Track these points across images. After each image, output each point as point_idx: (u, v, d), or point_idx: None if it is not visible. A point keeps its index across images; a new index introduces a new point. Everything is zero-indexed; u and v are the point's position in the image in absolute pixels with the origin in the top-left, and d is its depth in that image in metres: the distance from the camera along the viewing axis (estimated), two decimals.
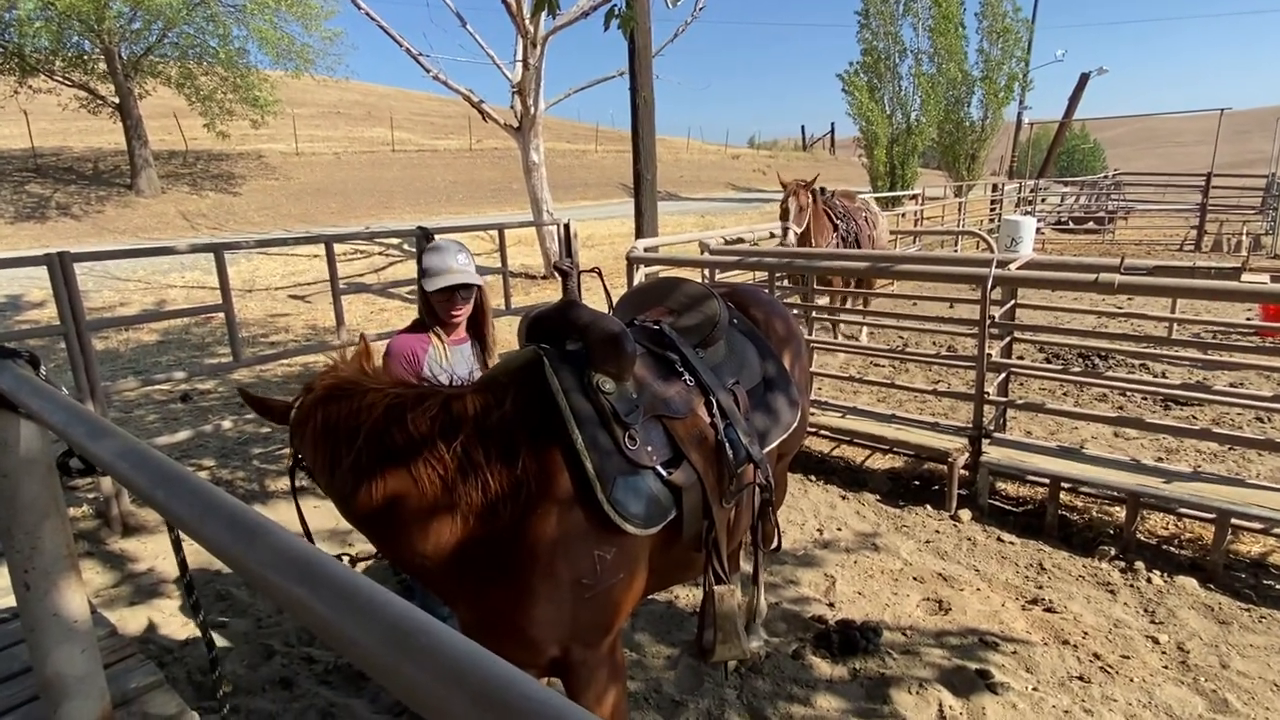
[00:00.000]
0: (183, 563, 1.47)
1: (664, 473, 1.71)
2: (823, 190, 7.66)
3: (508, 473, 1.57)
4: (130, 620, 3.20)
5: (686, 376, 1.92)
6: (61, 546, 1.48)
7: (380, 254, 13.59)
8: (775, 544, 2.15)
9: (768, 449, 2.13)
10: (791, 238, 6.79)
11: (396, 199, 21.33)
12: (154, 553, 3.78)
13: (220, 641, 3.05)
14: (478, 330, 2.64)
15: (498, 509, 1.56)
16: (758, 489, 2.06)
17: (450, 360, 2.53)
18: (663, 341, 2.02)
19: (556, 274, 2.75)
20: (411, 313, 2.67)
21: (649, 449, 1.70)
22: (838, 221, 7.30)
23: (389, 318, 9.60)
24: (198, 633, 3.12)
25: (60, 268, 3.64)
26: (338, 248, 5.15)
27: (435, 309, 2.51)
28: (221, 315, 4.32)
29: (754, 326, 2.39)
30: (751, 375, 2.18)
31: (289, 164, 22.62)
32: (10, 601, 2.10)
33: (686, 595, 3.36)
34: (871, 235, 7.71)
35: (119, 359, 7.76)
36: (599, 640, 1.72)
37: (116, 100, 17.56)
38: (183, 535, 1.47)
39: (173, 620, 3.20)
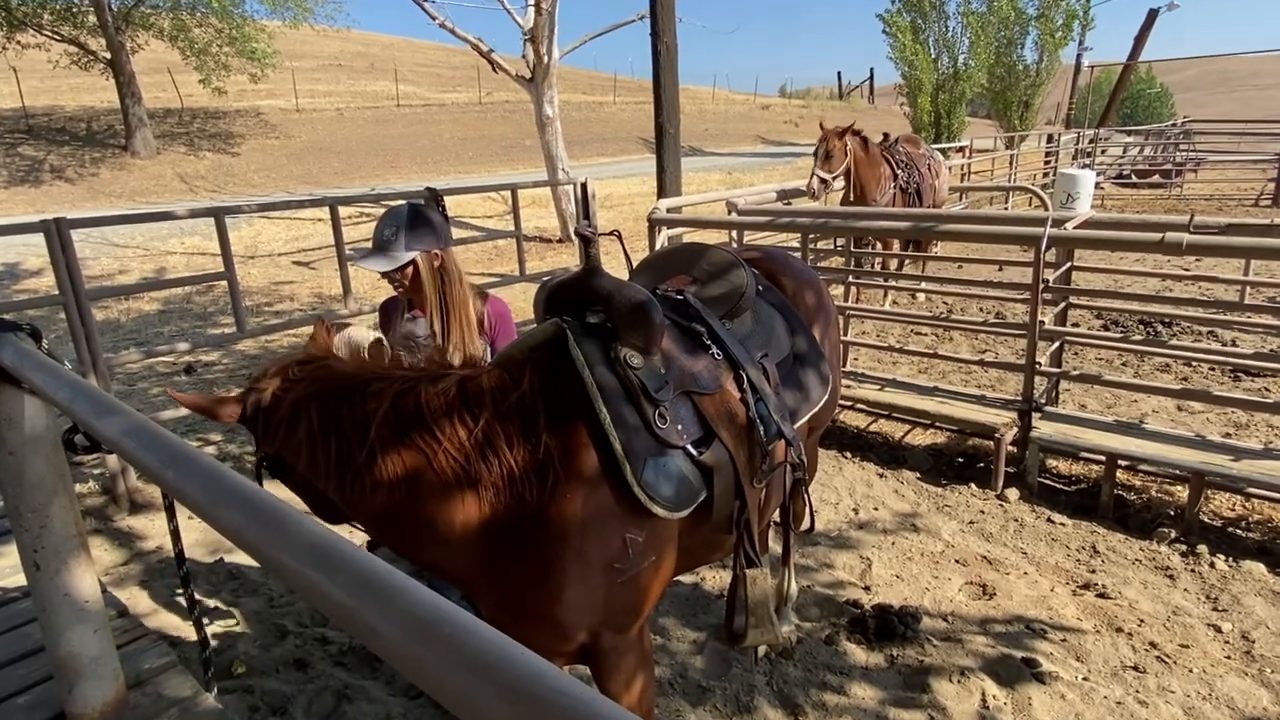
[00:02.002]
0: (180, 554, 1.47)
1: (694, 452, 1.71)
2: (885, 136, 7.58)
3: (532, 455, 1.57)
4: (140, 600, 3.31)
5: (714, 350, 1.92)
6: (70, 525, 1.53)
7: None
8: (808, 525, 2.15)
9: (798, 425, 2.13)
10: (816, 184, 6.79)
11: (402, 157, 21.33)
12: (162, 530, 3.90)
13: (232, 622, 3.15)
14: (432, 305, 2.50)
15: (524, 494, 1.56)
16: (789, 468, 2.06)
17: (406, 327, 2.57)
18: (688, 312, 2.01)
19: (576, 239, 2.65)
20: None
21: (679, 427, 1.70)
22: (898, 170, 7.19)
23: None
24: (209, 614, 3.23)
25: (58, 235, 3.70)
26: (343, 210, 5.18)
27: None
28: (224, 283, 4.38)
29: (783, 296, 2.37)
30: (780, 348, 2.17)
31: (289, 121, 22.68)
32: (21, 580, 2.18)
33: (713, 577, 3.39)
34: (934, 185, 7.58)
35: (120, 329, 7.92)
36: (629, 625, 1.75)
37: (108, 55, 17.67)
38: (187, 519, 1.52)
39: (181, 599, 3.31)
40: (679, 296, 2.06)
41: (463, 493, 1.54)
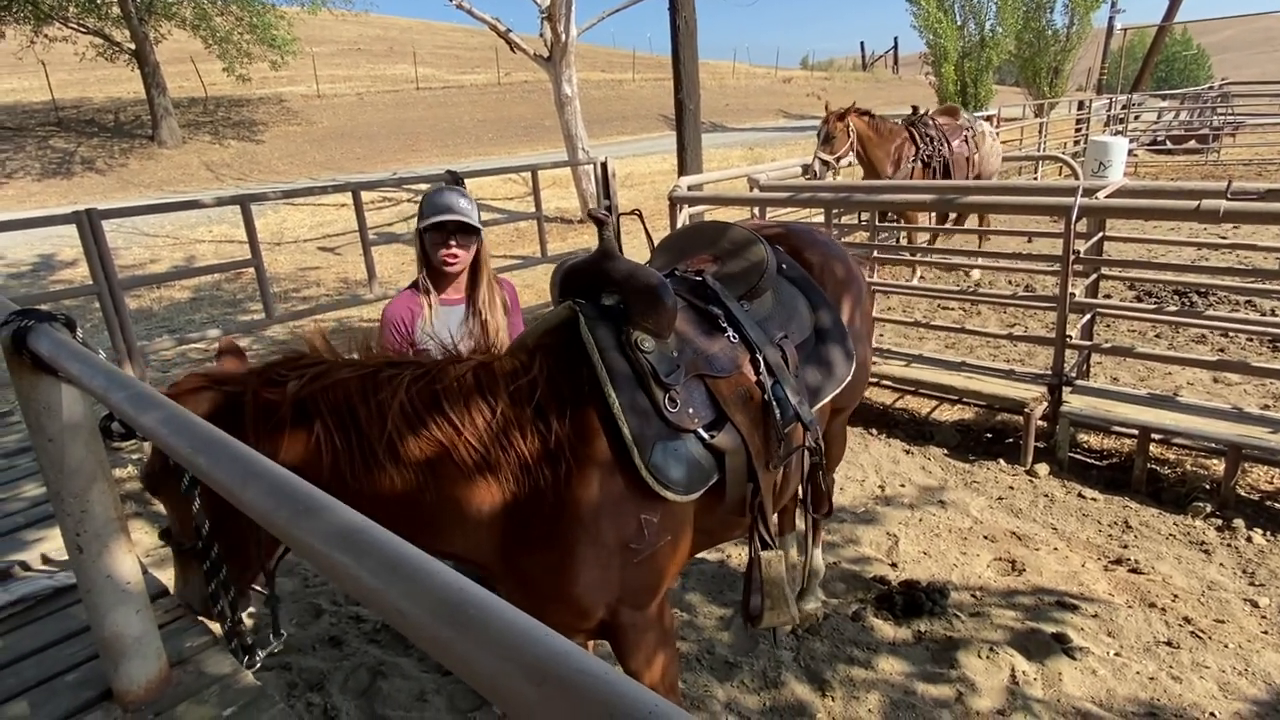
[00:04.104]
0: (209, 538, 1.47)
1: (706, 435, 1.71)
2: (914, 110, 7.45)
3: (545, 440, 1.58)
4: None
5: (730, 332, 1.90)
6: (110, 509, 1.57)
7: (409, 201, 13.69)
8: (826, 509, 2.14)
9: (819, 406, 2.11)
10: (818, 165, 6.86)
11: (422, 140, 21.36)
12: None
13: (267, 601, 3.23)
14: (471, 290, 2.53)
15: (538, 478, 1.58)
16: (806, 451, 2.04)
17: (436, 324, 2.43)
18: (705, 294, 1.99)
19: (592, 221, 2.59)
20: None
21: (690, 411, 1.70)
22: (920, 144, 7.06)
23: None
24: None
25: (90, 225, 3.77)
26: (365, 195, 5.21)
27: (429, 253, 2.44)
28: (252, 270, 4.44)
29: (807, 273, 2.34)
30: (802, 328, 2.14)
31: (310, 107, 22.80)
32: (65, 561, 2.26)
33: (739, 555, 3.40)
34: (973, 158, 7.41)
35: (153, 317, 8.08)
36: (647, 602, 1.77)
37: (132, 46, 17.86)
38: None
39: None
40: (697, 278, 2.05)
41: (482, 479, 1.56)
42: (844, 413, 2.75)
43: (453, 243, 2.39)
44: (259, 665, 1.60)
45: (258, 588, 1.60)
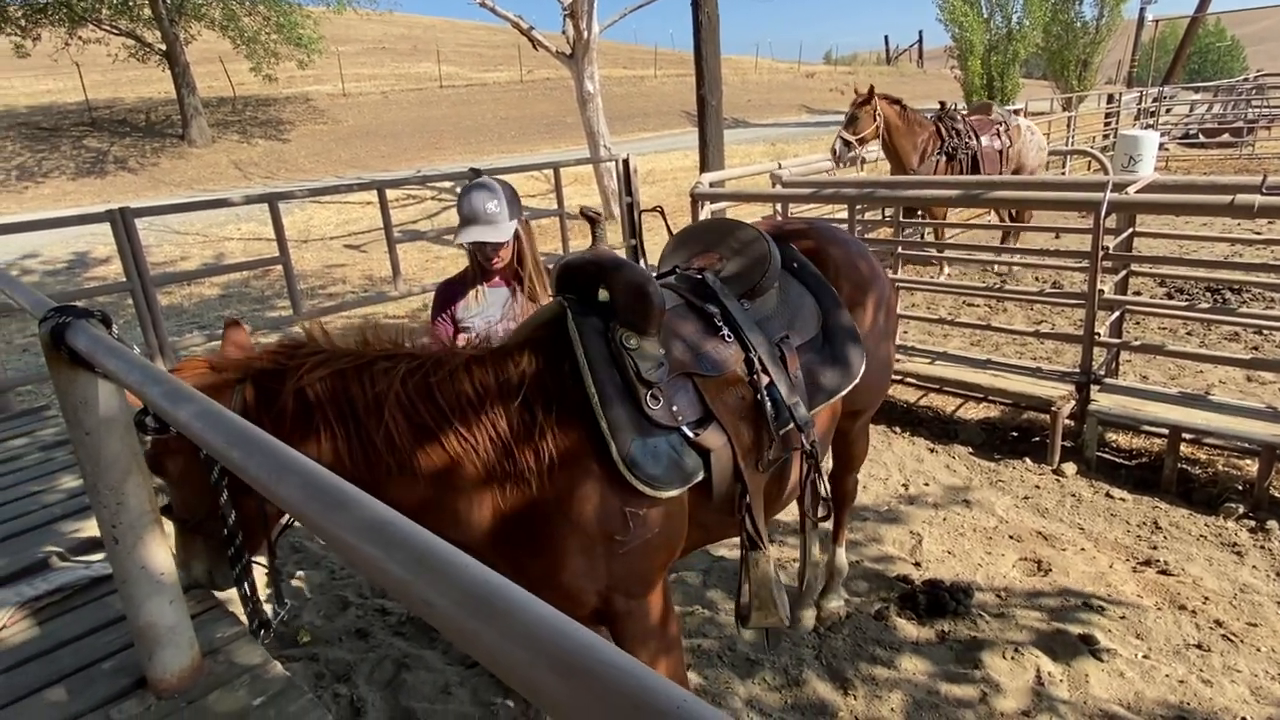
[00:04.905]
0: (233, 529, 1.53)
1: (690, 433, 1.72)
2: (942, 105, 7.38)
3: (530, 433, 1.63)
4: None
5: (725, 331, 1.89)
6: (145, 502, 1.61)
7: (433, 198, 13.81)
8: (825, 514, 2.12)
9: (820, 409, 2.07)
10: (839, 145, 6.87)
11: (446, 138, 21.52)
12: None
13: (296, 594, 3.28)
14: (514, 274, 2.63)
15: (524, 468, 1.63)
16: (803, 455, 1.99)
17: (484, 302, 2.59)
18: (704, 292, 1.98)
19: (584, 219, 2.67)
20: (465, 260, 2.72)
21: (674, 408, 1.71)
22: (946, 138, 6.98)
23: (444, 266, 9.81)
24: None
25: (123, 224, 3.85)
26: (390, 193, 5.26)
27: (473, 256, 2.58)
28: (280, 267, 4.50)
29: (821, 271, 2.29)
30: (807, 328, 2.10)
31: (336, 106, 23.05)
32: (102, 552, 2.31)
33: None
34: (1007, 152, 7.30)
35: (184, 314, 8.22)
36: (641, 591, 1.79)
37: (163, 47, 18.18)
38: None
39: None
40: (698, 275, 2.03)
41: (473, 468, 1.60)
42: (864, 414, 2.70)
43: (489, 248, 2.48)
44: (274, 634, 1.66)
45: (259, 559, 1.66)
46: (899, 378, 4.77)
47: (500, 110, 24.82)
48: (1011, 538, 3.40)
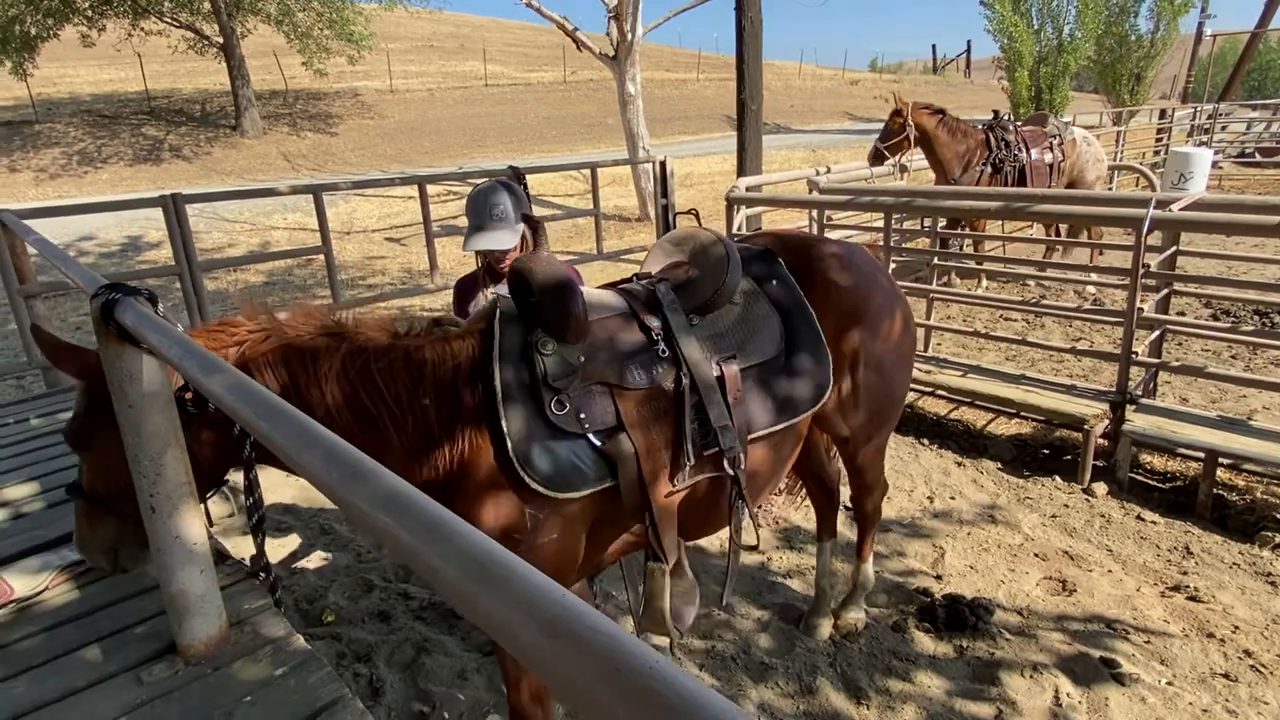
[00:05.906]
0: (256, 502, 1.72)
1: (596, 441, 1.75)
2: (995, 114, 7.31)
3: (453, 421, 1.71)
4: (242, 547, 3.56)
5: (661, 346, 1.88)
6: (181, 474, 1.67)
7: None
8: (752, 543, 2.12)
9: (765, 432, 2.01)
10: (872, 155, 7.08)
11: (489, 137, 21.78)
12: (263, 484, 4.17)
13: (322, 574, 3.37)
14: None
15: (444, 455, 1.71)
16: (728, 479, 1.94)
17: (489, 298, 2.66)
18: (652, 303, 1.96)
19: (526, 225, 2.67)
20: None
21: (581, 416, 1.74)
22: (994, 149, 6.89)
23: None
24: (304, 563, 3.46)
25: (174, 209, 3.99)
26: (431, 189, 5.36)
27: (482, 257, 2.68)
28: (321, 257, 4.62)
29: (809, 292, 2.17)
30: (763, 350, 2.02)
31: (383, 102, 23.47)
32: None
33: (779, 558, 3.39)
34: (1060, 165, 7.16)
35: (228, 299, 8.45)
36: None
37: (220, 40, 18.71)
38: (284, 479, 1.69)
39: (280, 550, 3.55)
40: (652, 287, 2.01)
41: (398, 452, 1.70)
42: (870, 441, 2.52)
43: (495, 252, 2.55)
44: (279, 594, 1.85)
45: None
46: (930, 390, 4.72)
47: (543, 110, 25.04)
48: (1036, 556, 3.35)
